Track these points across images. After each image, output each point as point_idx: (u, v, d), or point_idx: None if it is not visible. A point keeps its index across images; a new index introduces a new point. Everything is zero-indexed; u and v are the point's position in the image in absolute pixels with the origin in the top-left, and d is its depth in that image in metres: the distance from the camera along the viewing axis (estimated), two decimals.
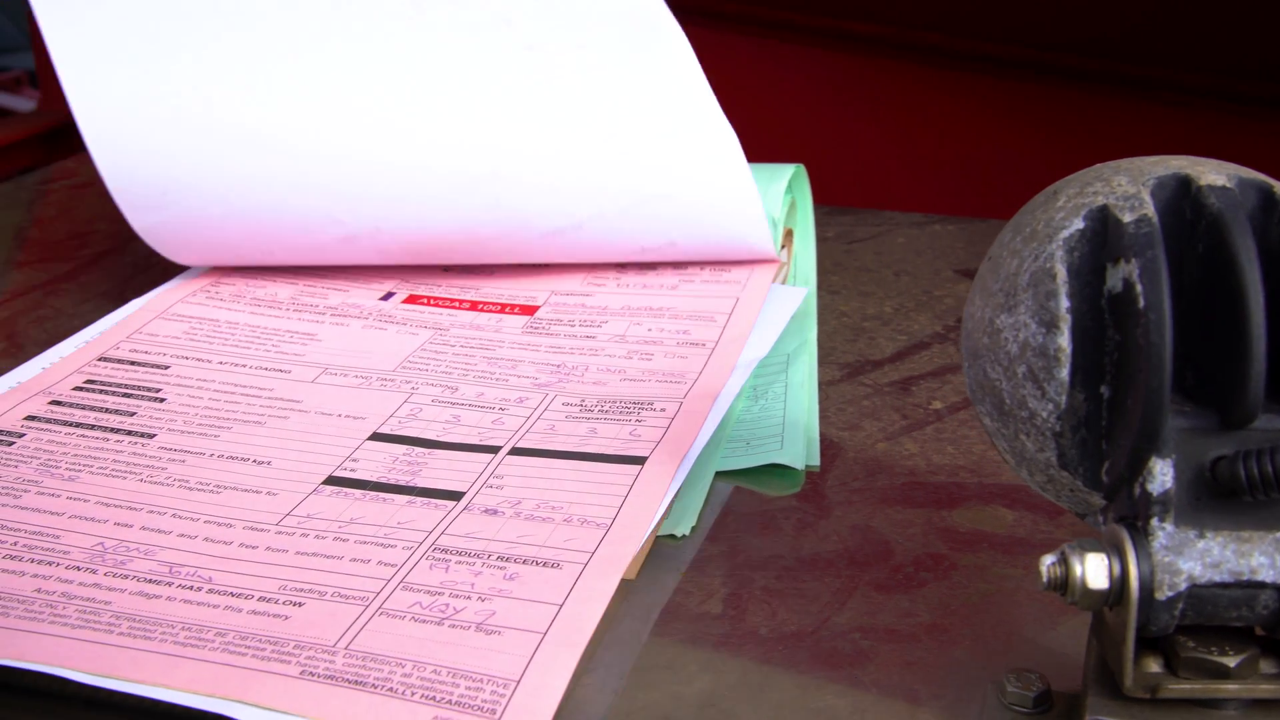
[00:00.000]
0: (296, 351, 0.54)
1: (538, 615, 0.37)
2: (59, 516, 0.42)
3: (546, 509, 0.43)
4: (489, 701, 0.34)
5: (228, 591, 0.38)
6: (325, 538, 0.41)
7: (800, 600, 0.39)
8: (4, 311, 0.59)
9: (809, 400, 0.50)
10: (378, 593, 0.38)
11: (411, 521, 0.42)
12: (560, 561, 0.40)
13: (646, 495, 0.43)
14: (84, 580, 0.39)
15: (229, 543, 0.41)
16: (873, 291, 0.61)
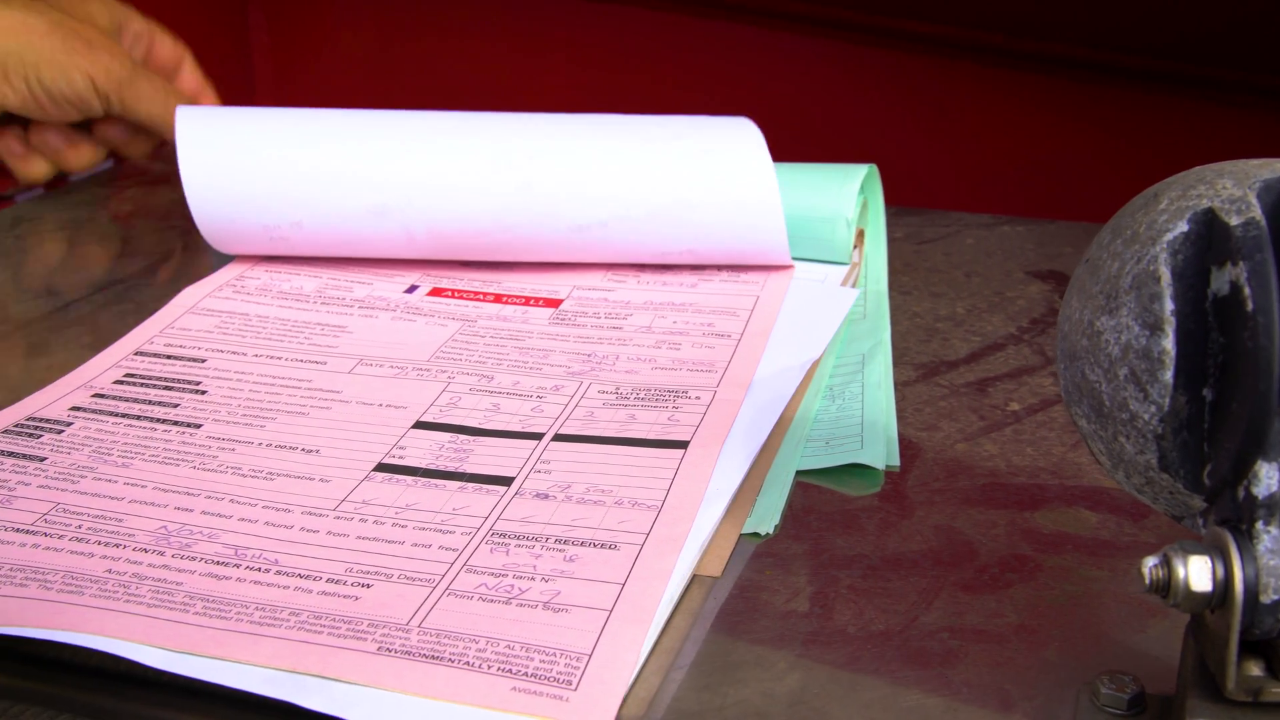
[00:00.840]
0: (329, 344, 0.55)
1: (602, 594, 0.38)
2: (119, 501, 0.43)
3: (597, 492, 0.44)
4: (564, 674, 0.34)
5: (295, 573, 0.39)
6: (384, 523, 0.42)
7: (887, 599, 0.39)
8: (88, 306, 0.60)
9: (886, 400, 0.50)
10: (443, 575, 0.39)
11: (466, 507, 0.43)
12: (617, 543, 0.41)
13: (693, 479, 0.44)
14: (152, 562, 0.40)
15: (290, 526, 0.42)
16: (944, 292, 0.61)
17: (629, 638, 0.36)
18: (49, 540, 0.40)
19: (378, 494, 0.44)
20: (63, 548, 0.40)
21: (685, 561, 0.39)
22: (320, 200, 0.59)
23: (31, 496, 0.43)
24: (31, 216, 0.72)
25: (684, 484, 0.44)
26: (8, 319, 0.59)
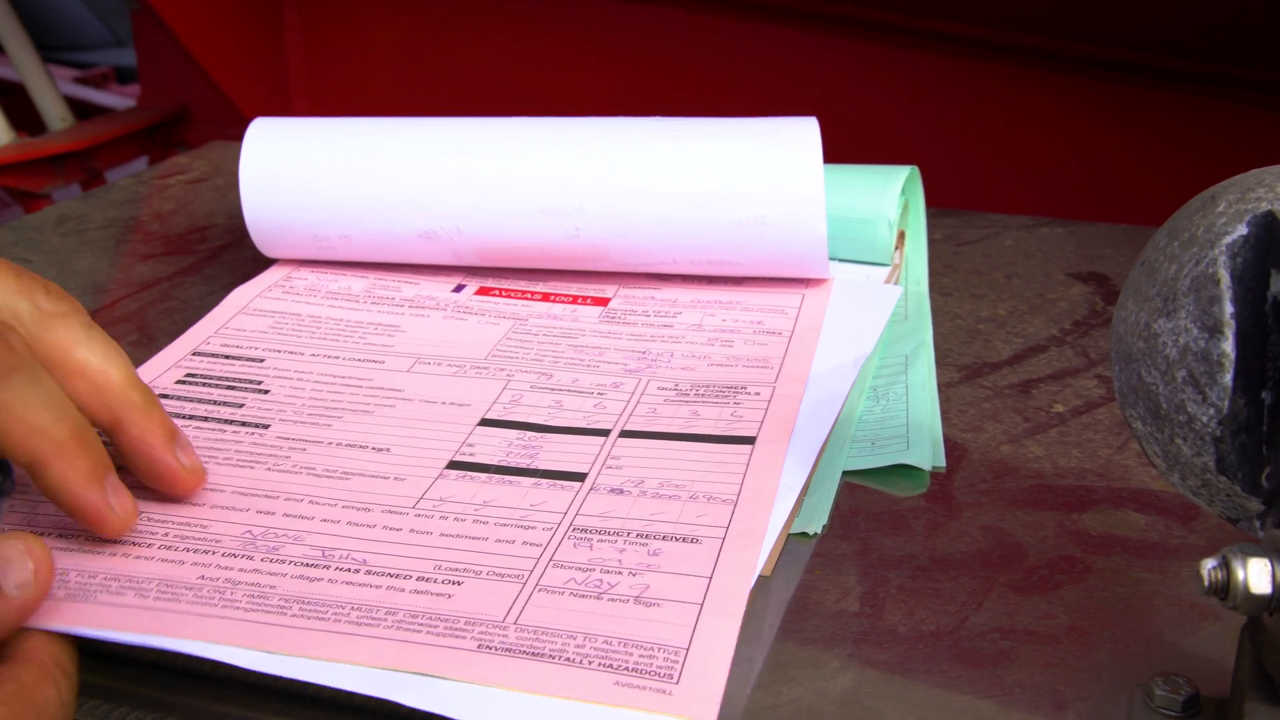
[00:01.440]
0: (385, 343, 0.56)
1: (690, 587, 0.38)
2: (201, 507, 0.43)
3: (670, 487, 0.44)
4: (663, 668, 0.35)
5: (385, 572, 0.40)
6: (464, 520, 0.43)
7: (937, 600, 0.39)
8: (135, 303, 0.61)
9: (931, 402, 0.50)
10: (530, 570, 0.40)
11: (543, 503, 0.43)
12: (699, 537, 0.41)
13: (764, 473, 0.44)
14: (243, 566, 0.40)
15: (372, 525, 0.42)
16: (985, 294, 0.61)
17: (724, 630, 0.36)
18: (139, 549, 0.41)
19: (454, 491, 0.44)
20: (154, 556, 0.40)
21: (761, 557, 0.40)
22: (370, 219, 0.59)
23: None
24: (75, 215, 0.73)
25: (756, 479, 0.44)
26: None
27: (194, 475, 0.42)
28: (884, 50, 1.00)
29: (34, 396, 0.37)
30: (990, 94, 0.98)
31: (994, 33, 0.96)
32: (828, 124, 0.58)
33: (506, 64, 1.17)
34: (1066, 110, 0.96)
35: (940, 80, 0.99)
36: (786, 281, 0.60)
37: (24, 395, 0.37)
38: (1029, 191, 0.97)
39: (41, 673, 0.33)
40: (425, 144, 0.60)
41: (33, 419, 0.37)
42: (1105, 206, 0.91)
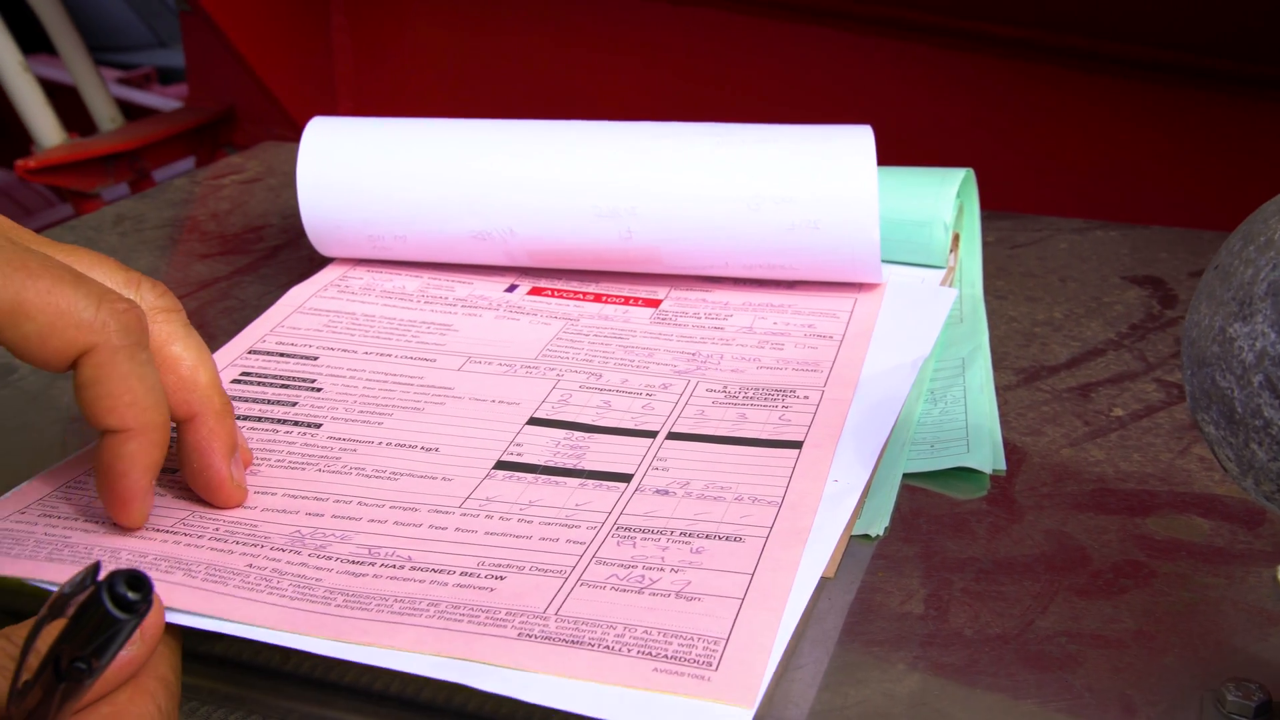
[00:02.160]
0: (436, 341, 0.56)
1: (732, 583, 0.38)
2: (251, 510, 0.44)
3: (715, 489, 0.44)
4: (703, 656, 0.35)
5: (429, 568, 0.40)
6: (509, 519, 0.43)
7: (1001, 603, 0.39)
8: (194, 302, 0.61)
9: (990, 405, 0.50)
10: (573, 567, 0.40)
11: (588, 503, 0.44)
12: (742, 536, 0.41)
13: (811, 477, 0.44)
14: (290, 560, 0.40)
15: (418, 525, 0.43)
16: (1040, 297, 0.61)
17: (763, 622, 0.36)
18: (189, 539, 0.41)
19: (500, 491, 0.45)
20: (204, 545, 0.41)
21: (815, 560, 0.40)
22: (424, 220, 0.60)
23: (167, 505, 0.44)
24: (132, 214, 0.74)
25: (802, 482, 0.44)
26: None
27: (239, 491, 0.43)
28: (929, 52, 1.00)
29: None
30: (1036, 96, 0.97)
31: (1042, 34, 0.96)
32: (874, 126, 0.58)
33: (550, 66, 1.18)
34: (1114, 112, 0.95)
35: (986, 82, 0.98)
36: (839, 284, 0.60)
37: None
38: (1078, 194, 0.96)
39: (138, 689, 0.34)
40: (480, 145, 0.60)
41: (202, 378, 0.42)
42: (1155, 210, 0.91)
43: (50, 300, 0.36)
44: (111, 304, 0.38)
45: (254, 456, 0.47)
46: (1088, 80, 0.95)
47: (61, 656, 0.30)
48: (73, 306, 0.37)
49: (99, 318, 0.37)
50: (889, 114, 1.04)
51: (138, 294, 0.42)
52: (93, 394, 0.38)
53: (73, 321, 0.37)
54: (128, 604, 0.28)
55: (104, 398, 0.38)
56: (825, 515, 0.42)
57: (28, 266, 0.36)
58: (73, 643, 0.29)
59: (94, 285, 0.38)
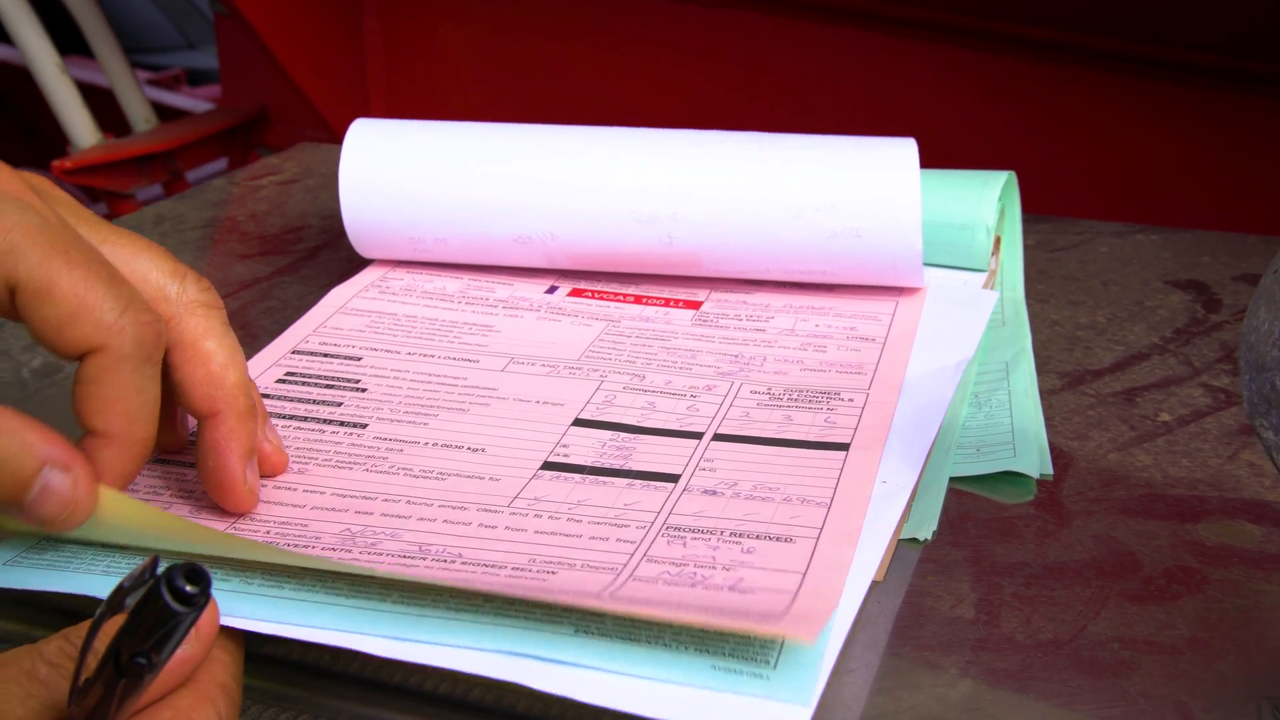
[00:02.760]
0: (479, 342, 0.56)
1: (785, 581, 0.38)
2: (301, 509, 0.44)
3: (764, 490, 0.44)
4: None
5: (481, 564, 0.40)
6: (559, 518, 0.43)
7: (1053, 608, 0.39)
8: (236, 302, 0.62)
9: (1035, 409, 0.50)
10: (624, 564, 0.40)
11: (637, 503, 0.44)
12: (793, 536, 0.41)
13: (859, 480, 0.44)
14: (341, 557, 0.41)
15: (468, 523, 0.43)
16: (1082, 300, 0.61)
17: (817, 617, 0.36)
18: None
19: (549, 491, 0.45)
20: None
21: (866, 562, 0.40)
22: (465, 223, 0.60)
23: (218, 508, 0.44)
24: (172, 215, 0.74)
25: (850, 484, 0.44)
26: None
27: (250, 495, 0.43)
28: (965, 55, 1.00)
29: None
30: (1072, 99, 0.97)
31: (1079, 37, 0.95)
32: (909, 129, 0.58)
33: (580, 68, 1.18)
34: (1150, 115, 0.95)
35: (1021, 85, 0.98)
36: (881, 287, 0.60)
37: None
38: (1115, 198, 0.96)
39: (199, 695, 0.34)
40: (522, 150, 0.60)
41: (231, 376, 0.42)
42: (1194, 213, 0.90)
43: (79, 291, 0.37)
44: (135, 313, 0.38)
45: (300, 456, 0.47)
46: (1124, 83, 0.95)
47: (121, 652, 0.30)
48: (99, 304, 0.37)
49: (119, 322, 0.37)
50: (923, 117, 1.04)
51: (182, 286, 0.42)
52: (88, 392, 0.38)
53: (93, 319, 0.37)
54: (186, 597, 0.29)
55: (96, 399, 0.38)
56: (875, 517, 0.42)
57: (69, 253, 0.37)
58: (132, 638, 0.29)
59: (125, 289, 0.38)
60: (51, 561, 0.40)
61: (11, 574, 0.40)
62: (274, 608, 0.38)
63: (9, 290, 0.37)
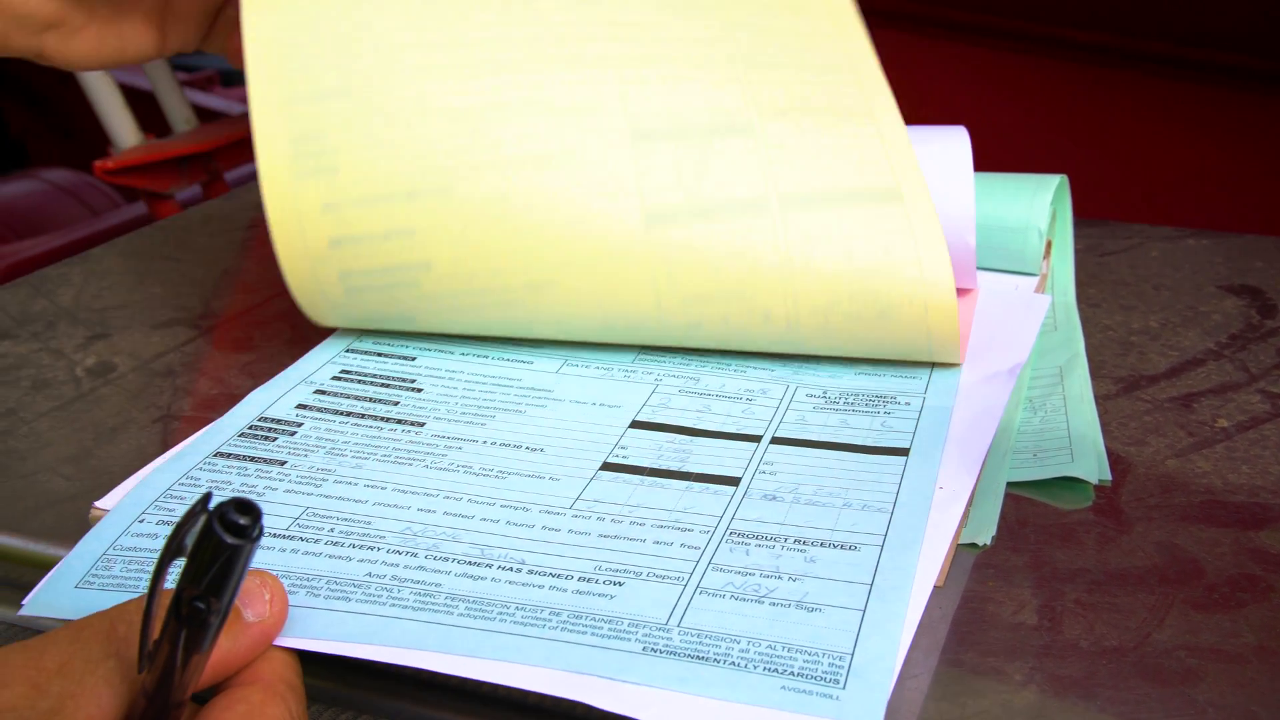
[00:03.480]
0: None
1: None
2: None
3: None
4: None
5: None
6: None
7: (1116, 615, 0.38)
8: (285, 302, 0.62)
9: (1091, 414, 0.50)
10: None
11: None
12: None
13: (919, 484, 0.44)
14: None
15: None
16: (1134, 305, 0.60)
17: (886, 635, 0.36)
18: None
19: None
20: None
21: (928, 566, 0.40)
22: None
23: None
24: (220, 215, 0.74)
25: (911, 489, 0.44)
26: (211, 313, 0.61)
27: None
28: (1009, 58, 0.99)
29: None
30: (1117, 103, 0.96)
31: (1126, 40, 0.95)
32: None
33: None
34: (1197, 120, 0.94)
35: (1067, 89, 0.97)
36: None
37: None
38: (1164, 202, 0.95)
39: (269, 692, 0.34)
40: None
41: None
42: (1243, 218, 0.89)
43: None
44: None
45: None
46: (1171, 87, 0.94)
47: (181, 600, 0.30)
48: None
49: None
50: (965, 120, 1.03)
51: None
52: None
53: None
54: (239, 529, 0.29)
55: None
56: (935, 522, 0.42)
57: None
58: (192, 581, 0.29)
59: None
60: (121, 581, 0.40)
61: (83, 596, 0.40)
62: (340, 624, 0.38)
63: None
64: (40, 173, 1.63)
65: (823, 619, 0.37)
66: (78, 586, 0.40)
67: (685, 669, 0.35)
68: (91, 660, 0.32)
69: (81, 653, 0.32)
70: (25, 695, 0.30)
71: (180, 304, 0.62)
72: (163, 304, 0.62)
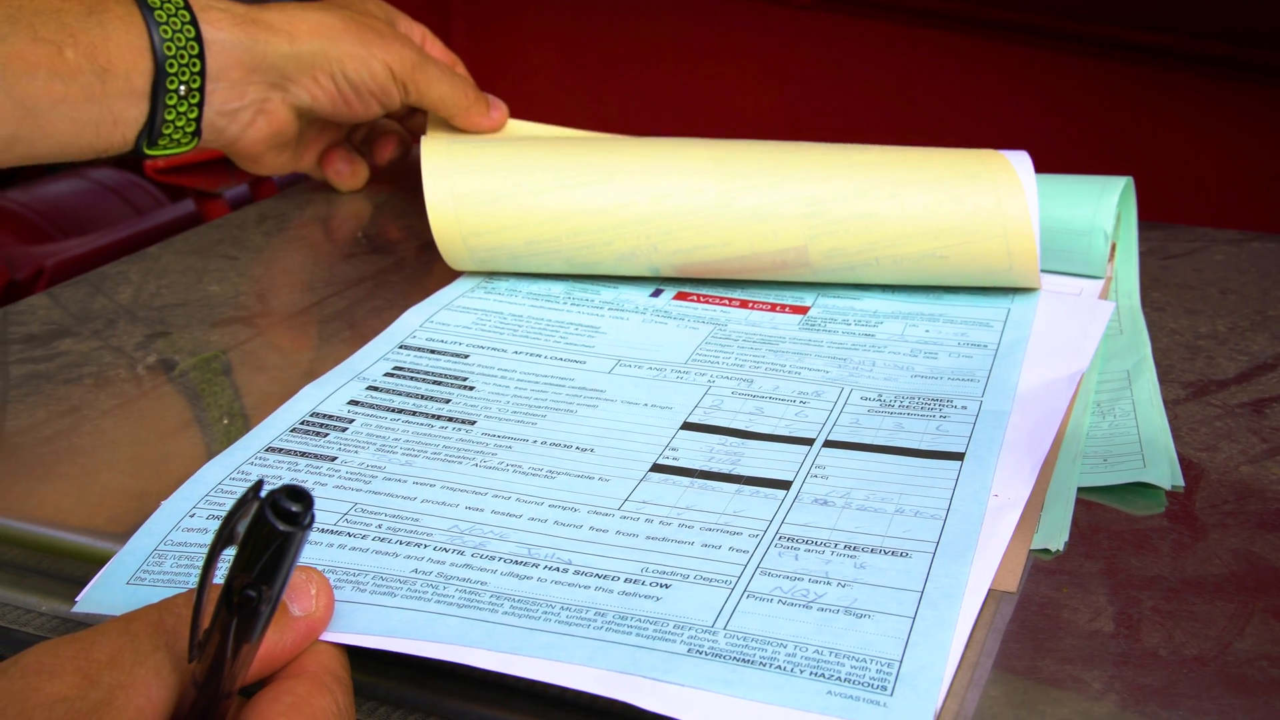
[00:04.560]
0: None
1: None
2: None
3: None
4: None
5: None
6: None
7: (1194, 623, 0.38)
8: (343, 300, 0.62)
9: (1161, 419, 0.49)
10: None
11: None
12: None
13: (974, 490, 0.44)
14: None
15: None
16: (1200, 309, 0.59)
17: (936, 643, 0.36)
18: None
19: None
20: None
21: (982, 573, 0.39)
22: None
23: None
24: (274, 214, 0.75)
25: (965, 495, 0.43)
26: (270, 312, 0.61)
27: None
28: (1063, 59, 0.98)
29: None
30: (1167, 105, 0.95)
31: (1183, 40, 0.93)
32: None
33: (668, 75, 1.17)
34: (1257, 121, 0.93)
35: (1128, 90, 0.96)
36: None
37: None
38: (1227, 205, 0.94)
39: (315, 683, 0.34)
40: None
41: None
42: None
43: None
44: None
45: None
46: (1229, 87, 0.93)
47: (233, 588, 0.30)
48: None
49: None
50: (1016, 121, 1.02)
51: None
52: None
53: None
54: (291, 516, 0.28)
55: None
56: (990, 530, 0.41)
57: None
58: (243, 569, 0.29)
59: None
60: (171, 577, 0.40)
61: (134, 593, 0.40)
62: (385, 619, 0.38)
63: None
64: (86, 171, 1.64)
65: (871, 625, 0.37)
66: (129, 583, 0.40)
67: (730, 671, 0.35)
68: (141, 652, 0.32)
69: (131, 645, 0.32)
70: (77, 686, 0.31)
71: (238, 302, 0.62)
72: (221, 302, 0.62)
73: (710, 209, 0.57)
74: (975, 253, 0.56)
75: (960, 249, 0.56)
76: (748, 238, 0.58)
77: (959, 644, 0.36)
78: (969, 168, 0.57)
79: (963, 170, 0.57)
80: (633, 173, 0.59)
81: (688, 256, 0.59)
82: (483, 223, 0.59)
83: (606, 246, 0.59)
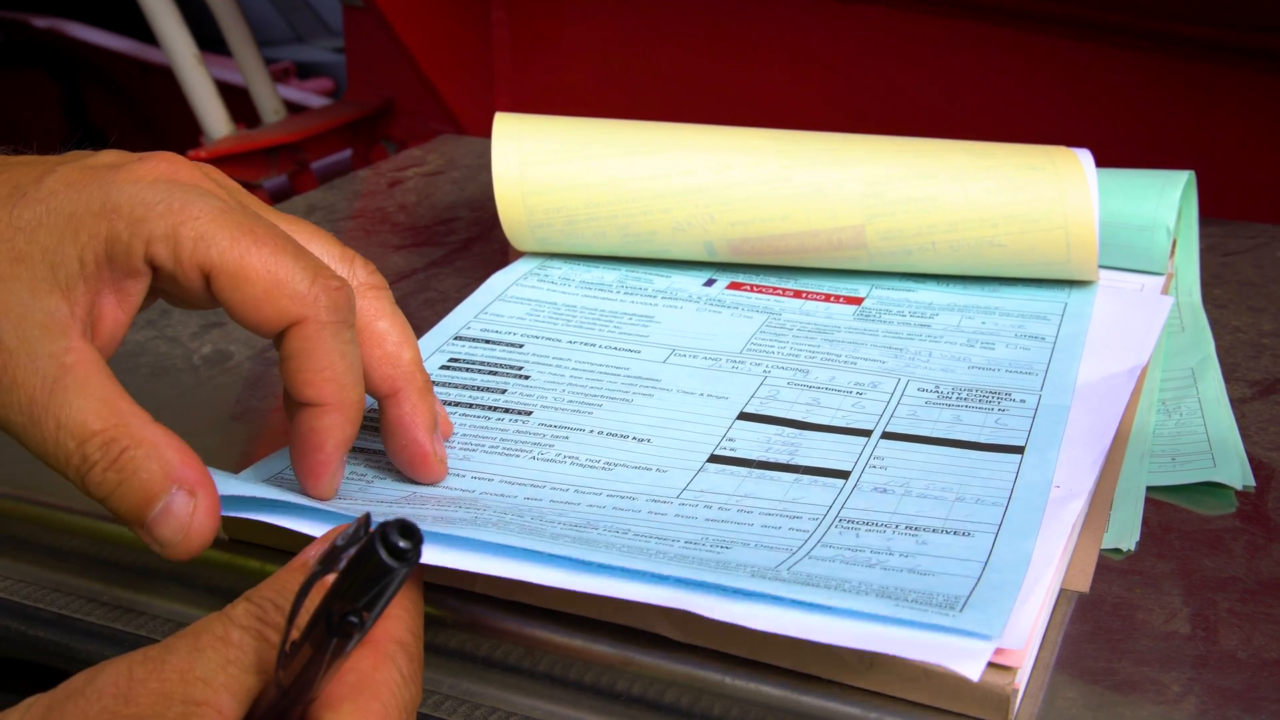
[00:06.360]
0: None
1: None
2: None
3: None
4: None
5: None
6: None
7: (1273, 626, 0.37)
8: (396, 293, 0.61)
9: (1229, 417, 0.48)
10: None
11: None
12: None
13: (1036, 483, 0.43)
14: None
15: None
16: (1264, 307, 0.59)
17: (1006, 584, 0.36)
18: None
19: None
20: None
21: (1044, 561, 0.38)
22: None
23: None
24: (323, 205, 0.75)
25: (1027, 486, 0.43)
26: None
27: (440, 465, 0.44)
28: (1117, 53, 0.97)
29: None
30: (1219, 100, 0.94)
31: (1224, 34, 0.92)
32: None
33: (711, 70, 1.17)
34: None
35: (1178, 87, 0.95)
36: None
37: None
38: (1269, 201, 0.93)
39: (379, 655, 0.33)
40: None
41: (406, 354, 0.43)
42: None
43: (270, 268, 0.37)
44: (325, 280, 0.38)
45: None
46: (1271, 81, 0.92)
47: (333, 612, 0.29)
48: (290, 277, 0.37)
49: (312, 291, 0.38)
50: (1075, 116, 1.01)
51: (351, 269, 0.42)
52: (295, 365, 0.38)
53: (287, 291, 0.37)
54: (400, 553, 0.28)
55: (305, 370, 0.38)
56: (1054, 515, 0.41)
57: (255, 232, 0.37)
58: (345, 597, 0.29)
59: (311, 259, 0.38)
60: None
61: None
62: (440, 542, 0.38)
63: (204, 276, 0.37)
64: None
65: (936, 581, 0.37)
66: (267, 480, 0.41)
67: (796, 591, 0.35)
68: (212, 667, 0.32)
69: (201, 660, 0.32)
70: (153, 706, 0.31)
71: None
72: None
73: (771, 180, 0.57)
74: (1034, 242, 0.56)
75: (1019, 238, 0.56)
76: (806, 213, 0.57)
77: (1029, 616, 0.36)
78: (1032, 160, 0.56)
79: (1025, 162, 0.56)
80: (697, 146, 0.59)
81: (745, 229, 0.58)
82: (544, 180, 0.59)
83: (664, 214, 0.59)
